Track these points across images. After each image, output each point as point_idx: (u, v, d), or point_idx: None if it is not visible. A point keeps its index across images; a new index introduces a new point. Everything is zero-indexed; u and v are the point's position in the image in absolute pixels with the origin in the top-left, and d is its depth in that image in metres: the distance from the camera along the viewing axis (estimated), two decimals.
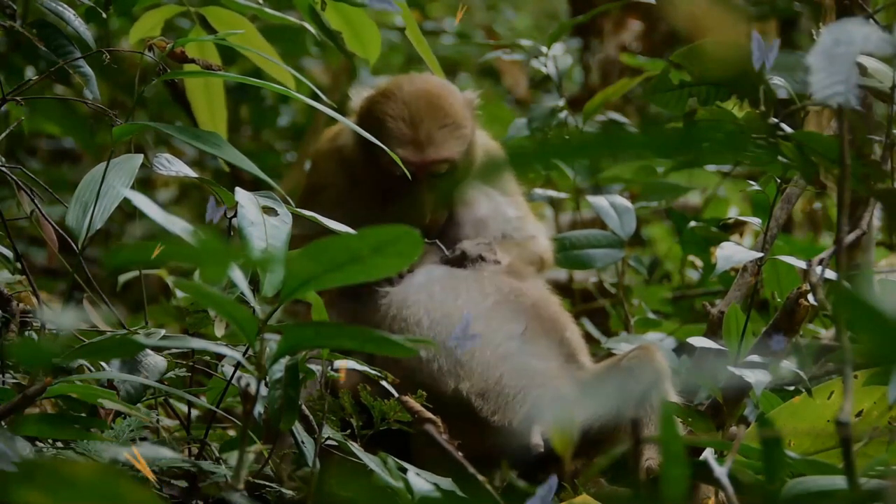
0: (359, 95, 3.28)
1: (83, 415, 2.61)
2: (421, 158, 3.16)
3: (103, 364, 2.53)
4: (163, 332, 2.51)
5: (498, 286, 3.06)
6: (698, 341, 2.93)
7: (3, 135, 2.80)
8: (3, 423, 2.25)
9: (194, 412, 2.92)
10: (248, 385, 2.04)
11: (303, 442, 2.50)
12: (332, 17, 3.25)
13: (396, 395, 2.67)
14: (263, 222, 2.42)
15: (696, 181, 4.69)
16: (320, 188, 3.30)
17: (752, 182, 3.23)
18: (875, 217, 3.17)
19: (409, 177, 3.03)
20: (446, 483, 2.45)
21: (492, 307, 3.00)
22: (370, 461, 2.48)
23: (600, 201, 3.71)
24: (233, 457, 2.66)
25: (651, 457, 2.81)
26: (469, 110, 3.28)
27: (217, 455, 2.71)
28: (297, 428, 2.52)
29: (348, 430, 2.72)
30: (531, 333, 3.00)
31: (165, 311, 4.02)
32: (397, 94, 3.22)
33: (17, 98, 2.73)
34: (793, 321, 2.95)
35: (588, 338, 3.56)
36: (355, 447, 2.59)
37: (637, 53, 5.64)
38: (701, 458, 2.35)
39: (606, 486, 2.81)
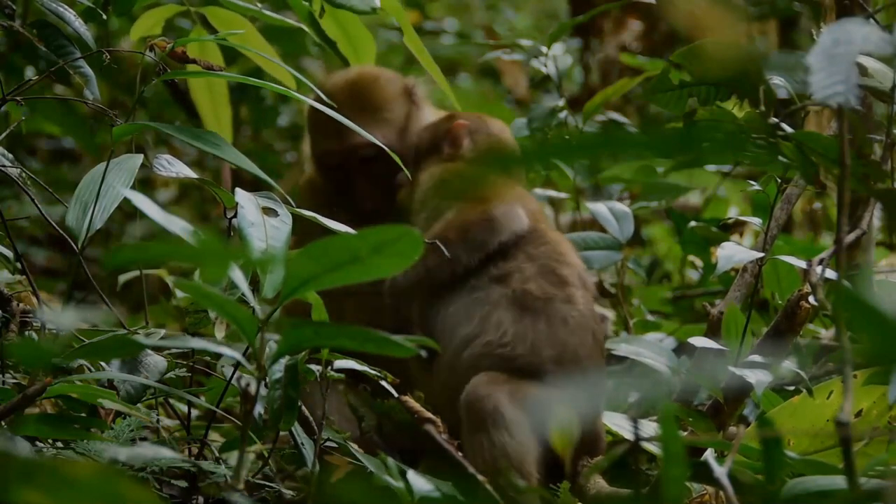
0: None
1: (83, 415, 2.61)
2: (341, 145, 3.18)
3: (103, 364, 2.53)
4: (163, 332, 2.51)
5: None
6: (698, 341, 2.93)
7: (3, 135, 2.80)
8: (3, 423, 2.25)
9: (194, 412, 2.92)
10: (248, 385, 2.04)
11: (302, 444, 2.51)
12: (328, 25, 3.26)
13: (396, 395, 2.67)
14: (263, 222, 2.42)
15: (696, 181, 4.69)
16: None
17: (752, 182, 3.23)
18: (875, 217, 3.17)
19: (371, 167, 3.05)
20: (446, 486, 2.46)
21: None
22: (369, 462, 2.48)
23: (599, 208, 3.72)
24: (233, 457, 2.66)
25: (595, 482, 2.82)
26: (403, 96, 3.28)
27: (217, 455, 2.71)
28: (297, 429, 2.52)
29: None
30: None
31: (165, 311, 4.02)
32: (323, 90, 3.22)
33: (17, 98, 2.73)
34: (793, 323, 2.95)
35: None
36: (354, 448, 2.59)
37: (637, 53, 5.64)
38: (701, 458, 2.35)
39: (606, 486, 2.80)
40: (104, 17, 2.95)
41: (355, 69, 3.35)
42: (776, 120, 2.56)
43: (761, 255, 3.05)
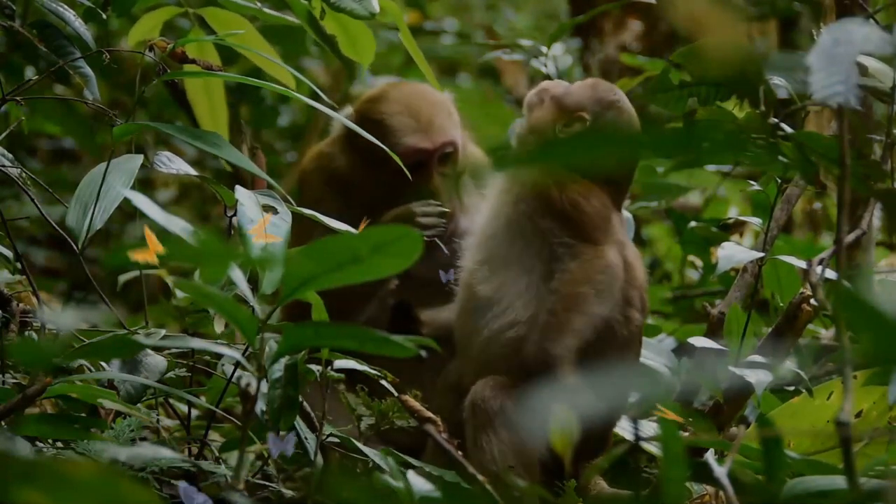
0: (343, 114, 3.29)
1: (83, 415, 2.61)
2: (432, 143, 3.19)
3: (103, 364, 2.53)
4: (163, 332, 2.51)
5: None
6: (698, 341, 2.93)
7: (3, 135, 2.80)
8: (3, 423, 2.25)
9: (194, 412, 2.92)
10: (248, 385, 2.04)
11: (305, 438, 2.51)
12: (328, 23, 3.26)
13: (396, 394, 2.67)
14: (263, 220, 2.42)
15: (696, 181, 4.69)
16: (312, 206, 3.25)
17: (752, 182, 3.23)
18: (875, 217, 3.17)
19: (421, 163, 3.04)
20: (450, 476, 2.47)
21: None
22: (374, 456, 2.48)
23: None
24: (233, 457, 2.66)
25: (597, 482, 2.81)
26: (453, 106, 3.33)
27: (217, 455, 2.71)
28: (300, 425, 2.52)
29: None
30: None
31: (165, 311, 4.02)
32: (389, 96, 3.25)
33: (17, 98, 2.73)
34: (794, 326, 2.95)
35: None
36: (357, 444, 2.59)
37: (637, 53, 5.64)
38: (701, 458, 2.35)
39: (607, 488, 2.80)
40: (104, 17, 2.95)
41: (400, 83, 3.41)
42: (776, 120, 2.56)
43: (761, 255, 3.05)
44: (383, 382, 2.62)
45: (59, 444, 2.47)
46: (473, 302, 2.86)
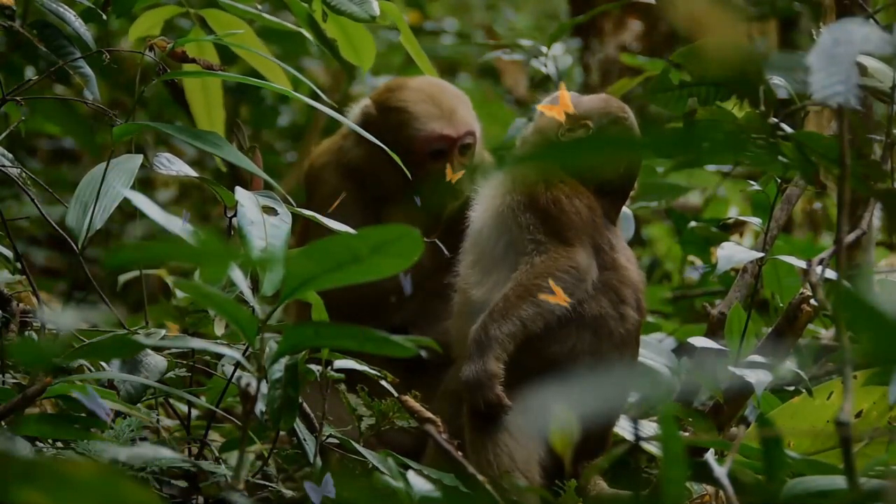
0: (360, 105, 3.30)
1: (83, 415, 2.61)
2: (455, 131, 3.21)
3: (103, 364, 2.53)
4: (163, 332, 2.51)
5: None
6: (698, 341, 2.93)
7: (3, 135, 2.80)
8: (3, 423, 2.25)
9: (194, 412, 2.92)
10: (248, 385, 2.04)
11: (304, 439, 2.51)
12: (328, 26, 3.26)
13: (396, 394, 2.67)
14: (263, 221, 2.42)
15: (696, 181, 4.69)
16: (328, 199, 3.24)
17: (752, 182, 3.23)
18: (875, 217, 3.17)
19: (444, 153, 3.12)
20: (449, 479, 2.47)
21: None
22: (373, 458, 2.49)
23: None
24: (233, 457, 2.66)
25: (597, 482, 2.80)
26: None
27: (217, 455, 2.71)
28: (299, 426, 2.52)
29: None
30: None
31: (165, 311, 4.02)
32: (410, 85, 3.28)
33: (17, 98, 2.73)
34: (795, 326, 2.95)
35: None
36: (357, 445, 2.59)
37: (637, 53, 5.64)
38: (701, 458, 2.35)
39: (607, 488, 2.81)
40: (104, 17, 2.95)
41: (414, 77, 3.43)
42: (776, 120, 2.56)
43: (761, 255, 3.05)
44: (383, 383, 2.62)
45: (59, 444, 2.47)
46: (468, 306, 2.85)
